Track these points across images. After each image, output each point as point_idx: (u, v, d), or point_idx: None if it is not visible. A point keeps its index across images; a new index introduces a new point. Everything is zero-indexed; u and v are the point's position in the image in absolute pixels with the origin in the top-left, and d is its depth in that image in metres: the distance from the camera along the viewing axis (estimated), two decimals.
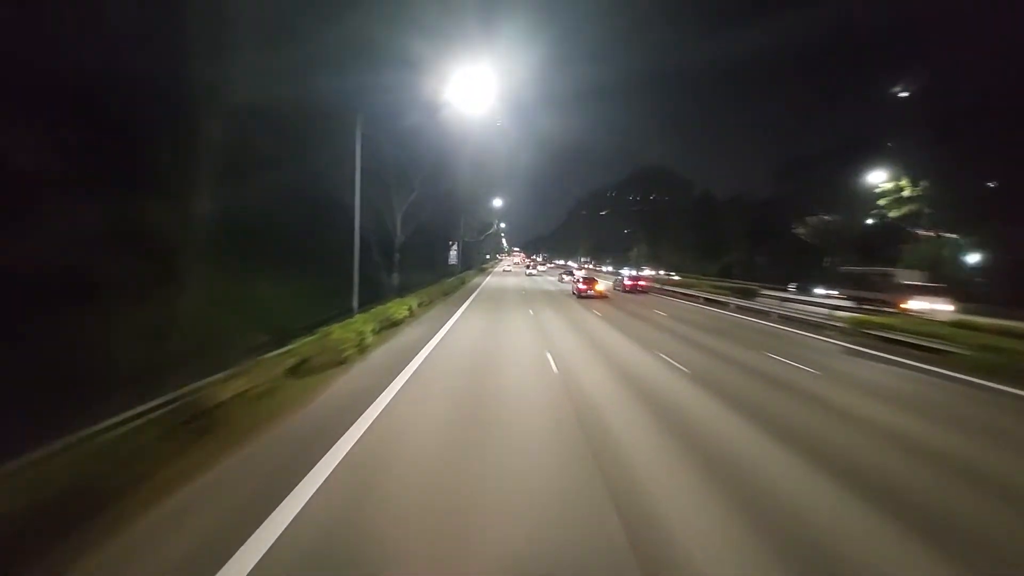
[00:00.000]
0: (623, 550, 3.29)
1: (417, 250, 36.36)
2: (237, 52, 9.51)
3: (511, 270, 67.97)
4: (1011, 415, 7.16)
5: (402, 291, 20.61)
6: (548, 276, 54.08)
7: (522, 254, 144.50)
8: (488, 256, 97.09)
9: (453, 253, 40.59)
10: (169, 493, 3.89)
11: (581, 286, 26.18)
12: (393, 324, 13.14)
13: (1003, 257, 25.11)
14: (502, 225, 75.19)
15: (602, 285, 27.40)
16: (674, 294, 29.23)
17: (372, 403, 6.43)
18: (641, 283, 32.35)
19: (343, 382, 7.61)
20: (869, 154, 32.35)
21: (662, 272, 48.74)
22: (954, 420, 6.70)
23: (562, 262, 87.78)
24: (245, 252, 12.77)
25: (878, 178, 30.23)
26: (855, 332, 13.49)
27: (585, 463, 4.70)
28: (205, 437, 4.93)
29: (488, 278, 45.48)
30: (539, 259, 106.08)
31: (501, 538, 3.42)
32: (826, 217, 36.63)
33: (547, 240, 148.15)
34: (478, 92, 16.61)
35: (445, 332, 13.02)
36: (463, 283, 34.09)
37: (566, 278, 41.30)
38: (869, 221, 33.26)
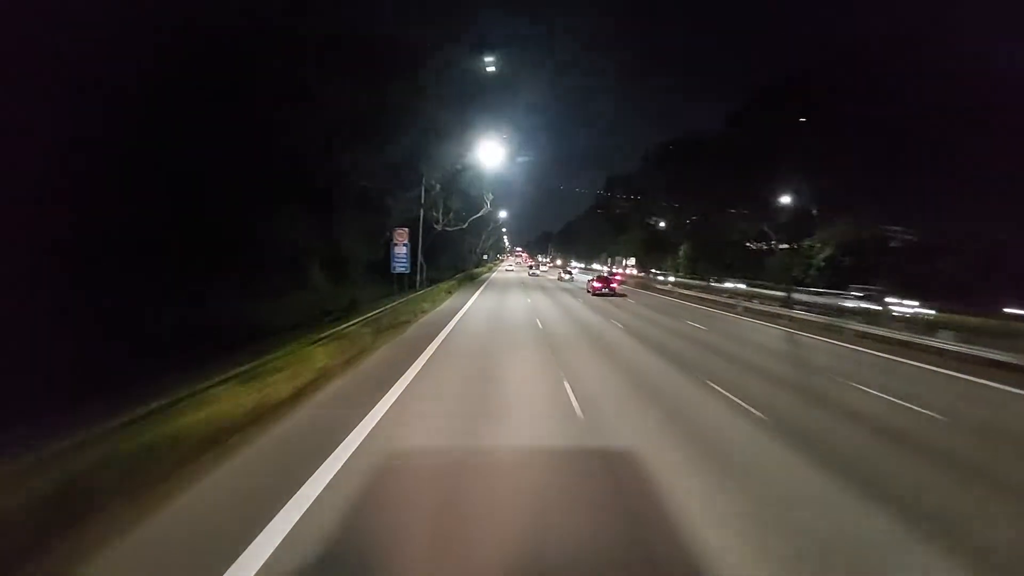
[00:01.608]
0: None
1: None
2: None
3: (513, 269, 71.18)
4: None
5: None
6: (549, 275, 57.02)
7: (525, 254, 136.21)
8: (486, 256, 77.58)
9: (401, 251, 20.39)
10: None
11: (596, 284, 29.51)
12: None
13: None
14: (502, 214, 54.96)
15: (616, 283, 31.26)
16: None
17: None
18: (617, 277, 39.08)
19: None
20: None
21: (858, 300, 23.28)
22: None
23: (582, 265, 77.53)
24: None
25: None
26: None
27: None
28: None
29: (476, 299, 25.02)
30: (544, 260, 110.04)
31: None
32: None
33: (556, 239, 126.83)
34: None
35: None
36: (366, 351, 13.59)
37: (564, 276, 45.07)
38: None
